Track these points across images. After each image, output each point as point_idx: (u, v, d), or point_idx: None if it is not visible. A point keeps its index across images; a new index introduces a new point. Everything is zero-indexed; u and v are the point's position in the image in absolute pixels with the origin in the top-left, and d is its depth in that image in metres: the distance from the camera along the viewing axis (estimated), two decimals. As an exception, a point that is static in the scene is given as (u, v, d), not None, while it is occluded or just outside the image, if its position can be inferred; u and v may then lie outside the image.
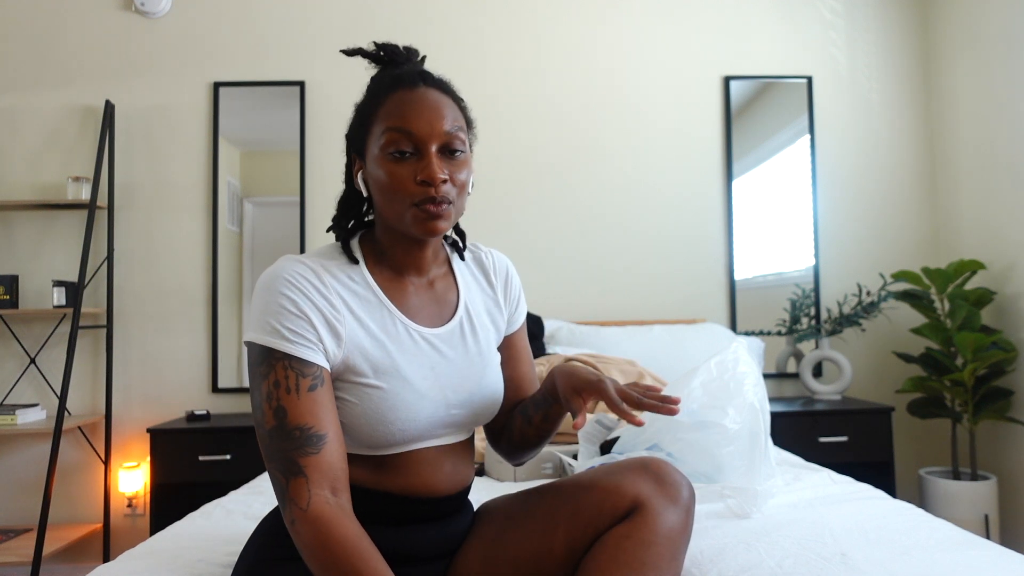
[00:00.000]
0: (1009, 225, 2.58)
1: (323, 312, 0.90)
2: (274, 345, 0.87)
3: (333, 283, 0.92)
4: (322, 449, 0.86)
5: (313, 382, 0.88)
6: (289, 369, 0.87)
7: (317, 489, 0.84)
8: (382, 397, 0.92)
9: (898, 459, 2.86)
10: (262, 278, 0.92)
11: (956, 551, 1.14)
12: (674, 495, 0.94)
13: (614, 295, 2.91)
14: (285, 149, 2.88)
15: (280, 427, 0.86)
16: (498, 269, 1.13)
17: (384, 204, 0.94)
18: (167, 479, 2.46)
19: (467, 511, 1.09)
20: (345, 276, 0.95)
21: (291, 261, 0.92)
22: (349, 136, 1.02)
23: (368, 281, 0.97)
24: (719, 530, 1.29)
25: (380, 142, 0.93)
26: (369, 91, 1.00)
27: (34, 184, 2.82)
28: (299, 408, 0.86)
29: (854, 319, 2.74)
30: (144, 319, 2.83)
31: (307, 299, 0.89)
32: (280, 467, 0.85)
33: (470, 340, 1.03)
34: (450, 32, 2.92)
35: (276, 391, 0.86)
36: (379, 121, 0.94)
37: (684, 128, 2.96)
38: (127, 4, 2.88)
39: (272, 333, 0.88)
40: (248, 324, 0.91)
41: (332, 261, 0.96)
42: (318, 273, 0.92)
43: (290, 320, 0.88)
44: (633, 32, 2.97)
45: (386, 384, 0.92)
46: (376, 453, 0.95)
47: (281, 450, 0.85)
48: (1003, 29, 2.59)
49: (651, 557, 0.89)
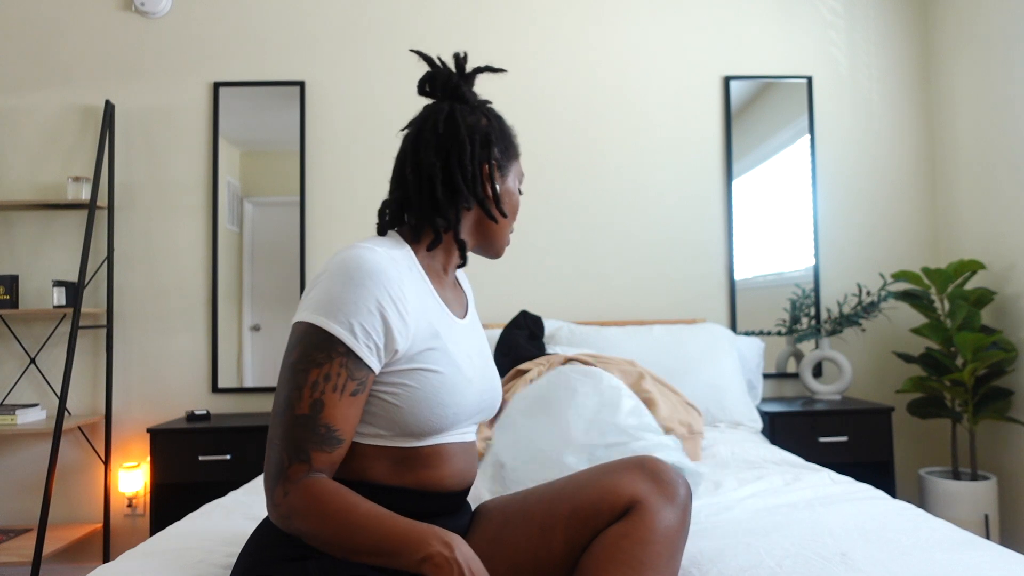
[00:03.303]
0: (1009, 225, 2.58)
1: (398, 307, 0.91)
2: (343, 339, 0.88)
3: (405, 274, 0.95)
4: (336, 451, 0.89)
5: (358, 387, 0.90)
6: (344, 368, 0.88)
7: (315, 474, 0.88)
8: (441, 381, 0.95)
9: (898, 459, 2.86)
10: (342, 263, 0.91)
11: (956, 551, 1.14)
12: (671, 493, 0.95)
13: (614, 295, 2.91)
14: (285, 149, 2.88)
15: (311, 418, 0.87)
16: (460, 278, 1.22)
17: (507, 223, 1.10)
18: (167, 479, 2.46)
19: (467, 509, 1.11)
20: (405, 267, 0.98)
21: (373, 253, 0.92)
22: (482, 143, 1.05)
23: (422, 272, 1.01)
24: (719, 530, 1.29)
25: (518, 176, 1.12)
26: (500, 120, 1.10)
27: (34, 184, 2.82)
28: (337, 409, 0.88)
29: (854, 319, 2.74)
30: (144, 319, 2.83)
31: (388, 297, 0.90)
32: (289, 449, 0.87)
33: (479, 331, 1.13)
34: (448, 32, 2.92)
35: (324, 384, 0.87)
36: (516, 161, 1.12)
37: (684, 128, 2.96)
38: (127, 4, 2.88)
39: (343, 325, 0.88)
40: (313, 304, 0.90)
41: (397, 251, 0.98)
42: (397, 267, 0.94)
43: (366, 319, 0.89)
44: (633, 32, 2.97)
45: (444, 369, 0.96)
46: (415, 444, 0.97)
47: (300, 437, 0.87)
48: (1003, 29, 2.59)
49: (649, 555, 0.90)
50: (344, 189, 2.90)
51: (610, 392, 1.45)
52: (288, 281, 2.85)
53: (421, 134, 1.04)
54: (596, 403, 1.44)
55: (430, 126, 1.04)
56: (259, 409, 2.83)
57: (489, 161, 1.05)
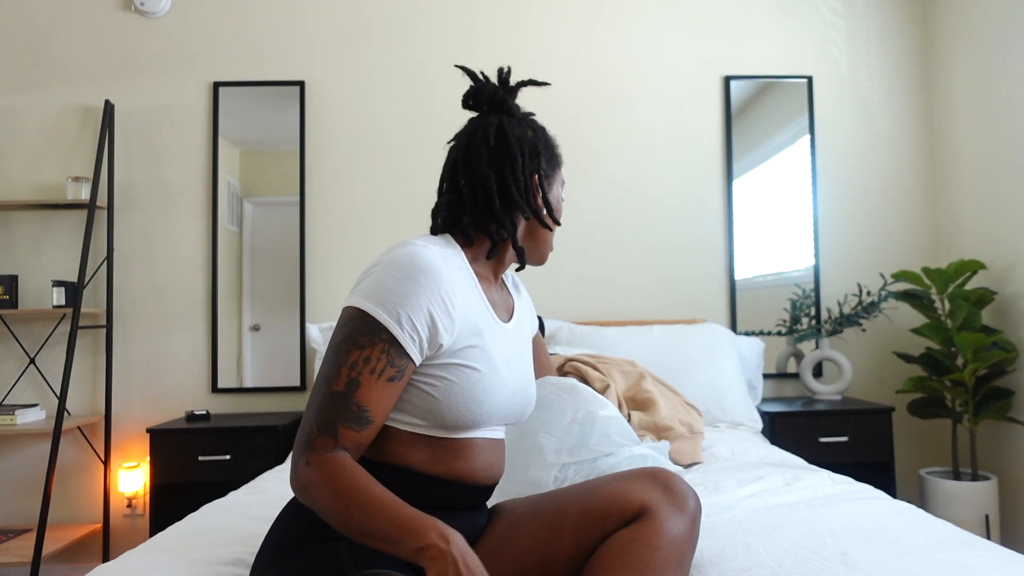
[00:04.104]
0: (1009, 225, 2.58)
1: (446, 304, 0.94)
2: (388, 325, 0.91)
3: (455, 273, 0.99)
4: (364, 431, 0.91)
5: (396, 374, 0.92)
6: (385, 354, 0.91)
7: (340, 451, 0.90)
8: (479, 379, 0.98)
9: (898, 459, 2.86)
10: (401, 259, 0.94)
11: (956, 551, 1.13)
12: (681, 503, 0.96)
13: (614, 295, 2.91)
14: (285, 149, 2.88)
15: (345, 395, 0.90)
16: (516, 280, 1.29)
17: (550, 232, 1.15)
18: (167, 479, 2.46)
19: (485, 510, 1.14)
20: (456, 266, 1.01)
21: (429, 251, 0.96)
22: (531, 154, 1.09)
23: (471, 273, 1.04)
24: (719, 530, 1.29)
25: (561, 184, 1.18)
26: (551, 137, 1.16)
27: (34, 184, 2.82)
28: (372, 391, 0.91)
29: (854, 319, 2.73)
30: (144, 319, 2.83)
31: (438, 294, 0.93)
32: (320, 421, 0.89)
33: (522, 337, 1.15)
34: (447, 32, 2.92)
35: (364, 366, 0.90)
36: (560, 170, 1.17)
37: (684, 128, 2.96)
38: (127, 4, 2.88)
39: (391, 314, 0.91)
40: (364, 291, 0.93)
41: (449, 249, 1.03)
42: (449, 266, 0.97)
43: (415, 312, 0.92)
44: (633, 32, 2.97)
45: (482, 367, 0.99)
46: (448, 435, 1.00)
47: (332, 412, 0.89)
48: (1003, 29, 2.58)
49: (656, 561, 0.90)
50: (344, 189, 2.90)
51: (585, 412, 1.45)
52: (288, 281, 2.85)
53: (472, 146, 1.08)
54: (569, 422, 1.43)
55: (480, 138, 1.07)
56: (259, 409, 2.83)
57: (538, 171, 1.10)
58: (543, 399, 1.47)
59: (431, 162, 2.85)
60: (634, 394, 2.05)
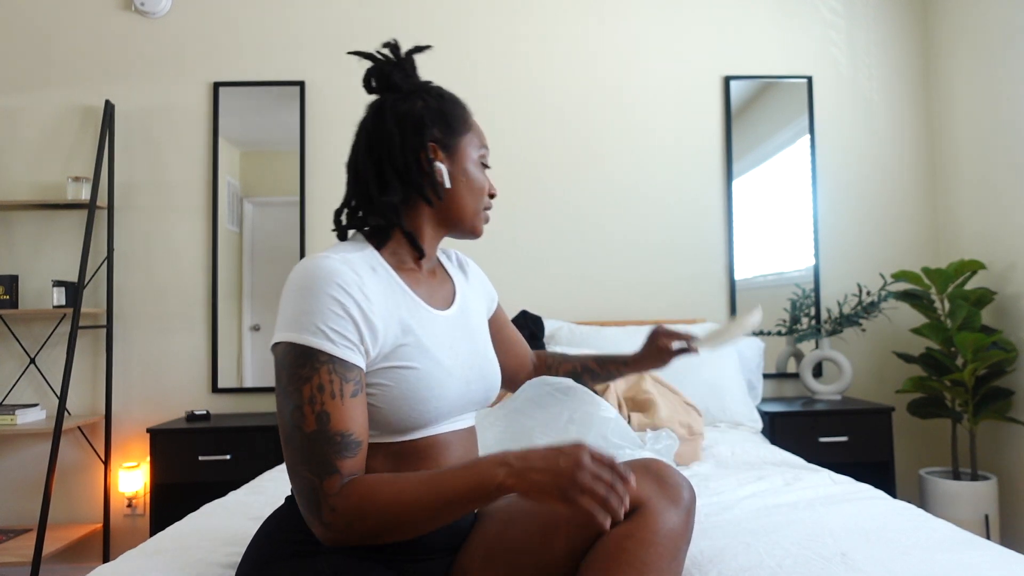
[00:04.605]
0: (1009, 225, 2.58)
1: (362, 308, 0.91)
2: (320, 347, 0.87)
3: (365, 277, 0.94)
4: (358, 453, 0.88)
5: (355, 388, 0.89)
6: (334, 373, 0.87)
7: (348, 479, 0.87)
8: (418, 377, 0.95)
9: (898, 459, 2.85)
10: (299, 278, 0.91)
11: (956, 551, 1.14)
12: (675, 496, 0.94)
13: (614, 295, 2.91)
14: (285, 149, 2.88)
15: (321, 431, 0.86)
16: (463, 260, 1.24)
17: (469, 201, 1.07)
18: (167, 479, 2.46)
19: None
20: (368, 267, 0.97)
21: (326, 259, 0.92)
22: (415, 127, 1.02)
23: (388, 269, 1.00)
24: (719, 530, 1.29)
25: (476, 152, 1.08)
26: (443, 97, 1.07)
27: (34, 184, 2.82)
28: (343, 414, 0.87)
29: (854, 319, 2.73)
30: (144, 319, 2.83)
31: (350, 297, 0.90)
32: (315, 469, 0.86)
33: (471, 319, 1.11)
34: (446, 32, 2.92)
35: (320, 395, 0.86)
36: (471, 133, 1.08)
37: (684, 128, 2.96)
38: (127, 4, 2.88)
39: (317, 334, 0.87)
40: (282, 324, 0.90)
41: (356, 254, 0.97)
42: (354, 268, 0.93)
43: (335, 321, 0.88)
44: (633, 32, 2.97)
45: (419, 364, 0.95)
46: (401, 439, 0.97)
47: (320, 453, 0.86)
48: (1003, 29, 2.58)
49: (652, 557, 0.90)
50: (344, 189, 2.89)
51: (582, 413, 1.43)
52: (288, 281, 2.85)
53: (357, 136, 1.06)
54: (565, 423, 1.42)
55: (361, 125, 1.05)
56: (259, 409, 2.83)
57: (425, 147, 1.02)
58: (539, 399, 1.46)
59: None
60: (634, 395, 2.05)
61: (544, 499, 0.81)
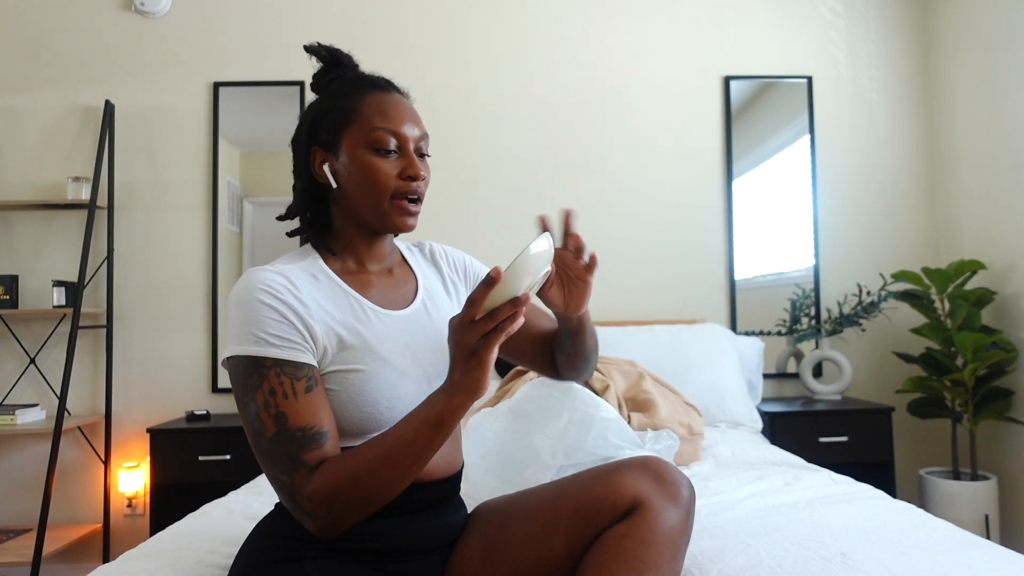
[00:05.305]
0: (1009, 225, 2.58)
1: (298, 312, 0.91)
2: (263, 353, 0.88)
3: (301, 284, 0.95)
4: (325, 445, 0.89)
5: (308, 383, 0.89)
6: (282, 375, 0.88)
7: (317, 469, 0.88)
8: (364, 379, 0.94)
9: (898, 459, 2.85)
10: (234, 294, 0.92)
11: (956, 551, 1.13)
12: (674, 494, 0.94)
13: (614, 295, 2.91)
14: (285, 149, 2.88)
15: (282, 432, 0.87)
16: (436, 251, 1.19)
17: (362, 196, 0.99)
18: (167, 479, 2.46)
19: (461, 503, 1.11)
20: (308, 275, 0.98)
21: (258, 272, 0.93)
22: (308, 131, 1.02)
23: (331, 275, 1.00)
24: (719, 530, 1.29)
25: (364, 138, 0.98)
26: (337, 91, 1.04)
27: (34, 184, 2.82)
28: (299, 410, 0.87)
29: (854, 319, 2.73)
30: (144, 319, 2.83)
31: (282, 302, 0.91)
32: (285, 468, 0.87)
33: (436, 317, 1.07)
34: (445, 31, 2.92)
35: (273, 399, 0.87)
36: (360, 119, 0.99)
37: (684, 128, 2.96)
38: (127, 4, 2.88)
39: (258, 342, 0.88)
40: (228, 340, 0.91)
41: (293, 264, 0.99)
42: (286, 276, 0.94)
43: (272, 326, 0.89)
44: (632, 31, 2.97)
45: (365, 366, 0.94)
46: (362, 442, 0.95)
47: (285, 452, 0.87)
48: (1003, 29, 2.58)
49: (651, 556, 0.90)
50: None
51: (582, 414, 1.43)
52: (288, 281, 2.85)
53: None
54: (565, 424, 1.42)
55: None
56: (259, 409, 2.83)
57: (315, 144, 1.02)
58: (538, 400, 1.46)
59: (430, 162, 2.85)
60: (634, 395, 2.05)
61: (482, 376, 0.82)
